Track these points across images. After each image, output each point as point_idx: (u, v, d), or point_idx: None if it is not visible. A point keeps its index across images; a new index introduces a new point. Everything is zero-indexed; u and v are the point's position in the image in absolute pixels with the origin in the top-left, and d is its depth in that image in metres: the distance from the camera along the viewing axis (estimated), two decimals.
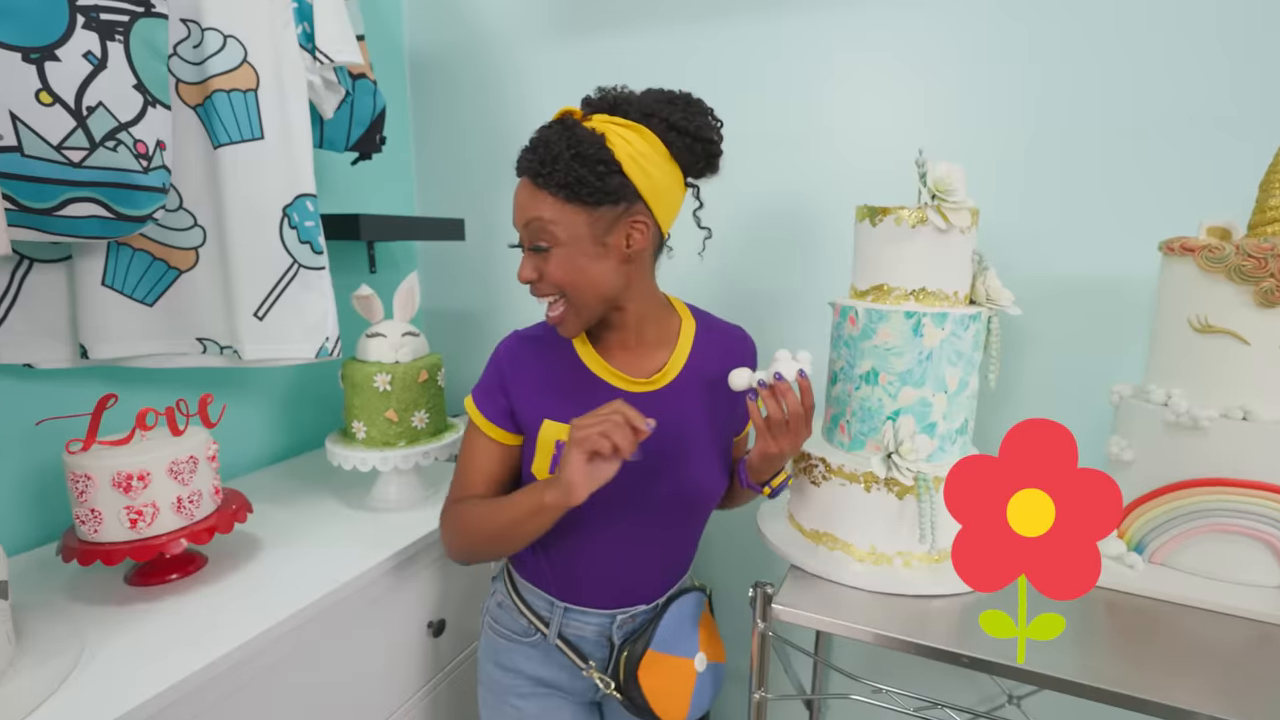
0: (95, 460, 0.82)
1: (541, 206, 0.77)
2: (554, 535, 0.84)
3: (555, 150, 0.75)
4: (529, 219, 0.79)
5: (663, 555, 0.92)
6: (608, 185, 0.76)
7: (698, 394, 0.89)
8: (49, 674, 0.70)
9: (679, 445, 0.86)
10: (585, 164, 0.75)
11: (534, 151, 0.77)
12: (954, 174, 0.85)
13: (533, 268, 0.81)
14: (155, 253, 0.97)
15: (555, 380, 0.87)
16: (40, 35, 0.75)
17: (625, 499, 0.83)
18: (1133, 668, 0.74)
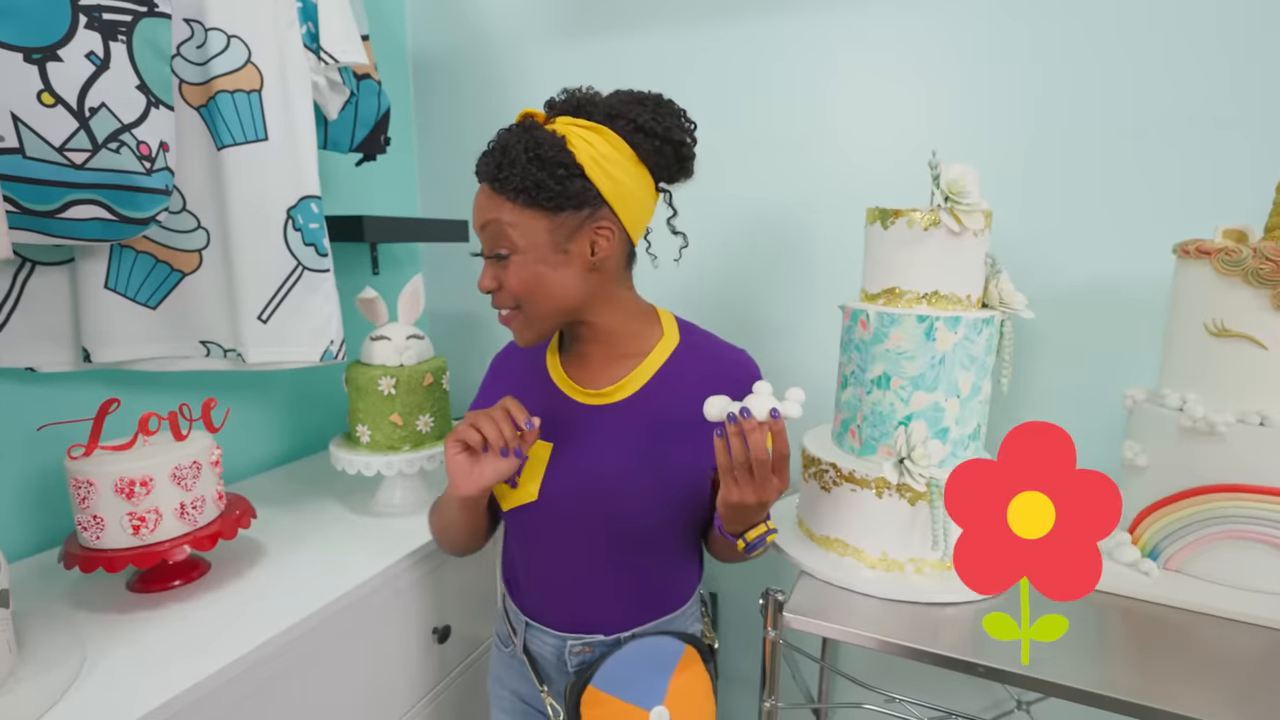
0: (97, 466, 0.81)
1: (500, 211, 0.74)
2: (519, 545, 0.86)
3: (513, 154, 0.72)
4: (486, 223, 0.75)
5: (617, 586, 0.84)
6: (568, 190, 0.72)
7: (658, 415, 0.80)
8: (50, 684, 0.68)
9: (617, 468, 0.79)
10: (544, 167, 0.71)
11: (492, 155, 0.74)
12: (968, 176, 0.84)
13: (492, 276, 0.77)
14: (158, 255, 0.96)
15: (526, 390, 0.85)
16: (42, 35, 0.74)
17: (569, 517, 0.81)
18: (1146, 676, 0.73)
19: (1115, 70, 1.08)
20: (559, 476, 0.80)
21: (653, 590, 0.86)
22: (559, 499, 0.80)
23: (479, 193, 0.76)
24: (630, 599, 0.85)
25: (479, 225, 0.76)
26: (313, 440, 1.42)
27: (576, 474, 0.80)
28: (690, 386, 0.79)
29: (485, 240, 0.77)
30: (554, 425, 0.81)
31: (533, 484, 0.81)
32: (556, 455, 0.81)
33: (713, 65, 1.33)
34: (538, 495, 0.81)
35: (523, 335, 0.79)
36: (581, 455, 0.80)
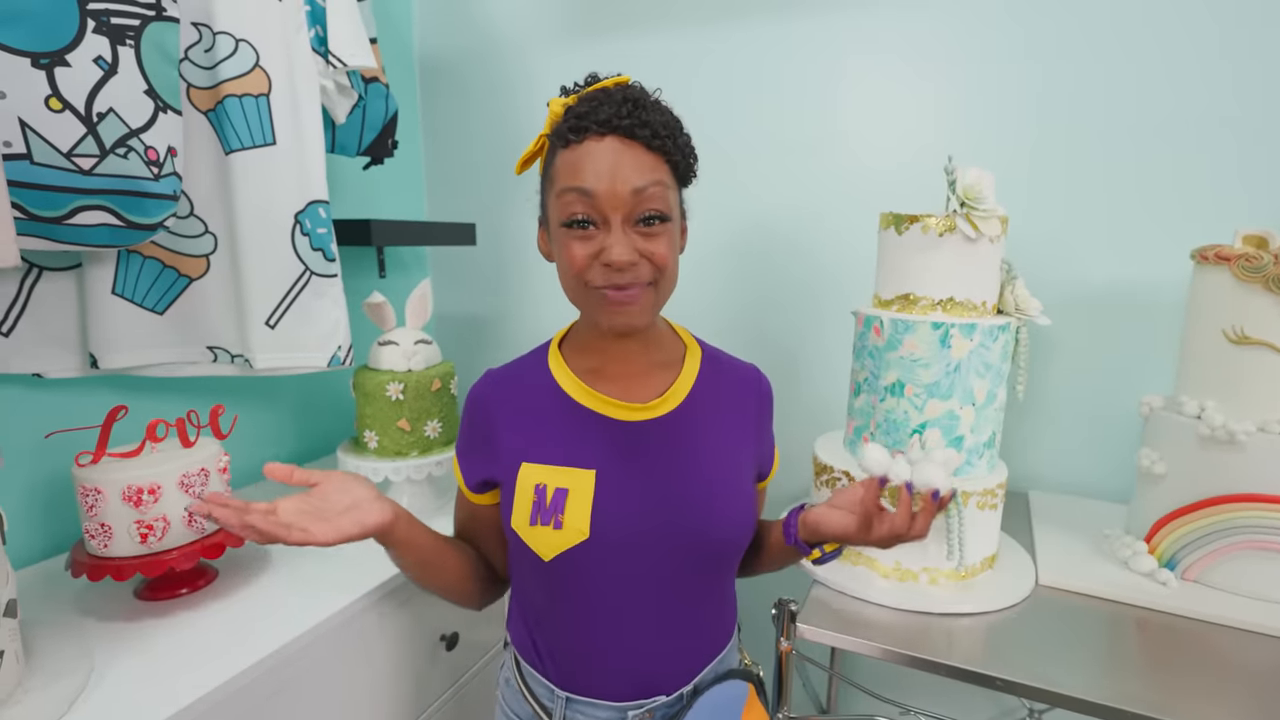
0: (105, 474, 0.80)
1: (658, 172, 0.64)
2: (557, 602, 0.72)
3: (668, 118, 0.66)
4: (647, 184, 0.63)
5: (679, 627, 0.74)
6: (694, 169, 0.69)
7: (710, 422, 0.75)
8: (58, 694, 0.68)
9: (693, 481, 0.71)
10: (688, 139, 0.67)
11: (635, 108, 0.64)
12: (984, 181, 0.83)
13: (633, 248, 0.64)
14: (166, 260, 0.95)
15: (535, 417, 0.73)
16: (50, 40, 0.73)
17: (627, 551, 0.69)
18: (1161, 689, 0.72)
19: (1141, 73, 1.07)
20: (612, 505, 0.69)
21: (711, 626, 0.77)
22: (615, 530, 0.69)
23: (613, 148, 0.63)
24: (692, 641, 0.75)
25: (626, 184, 0.63)
26: (319, 445, 1.41)
27: (632, 498, 0.69)
28: (722, 399, 0.76)
29: (630, 205, 0.63)
30: (590, 449, 0.71)
31: (581, 519, 0.68)
32: (603, 482, 0.69)
33: (719, 67, 1.33)
34: (589, 532, 0.68)
35: (644, 317, 0.68)
36: (634, 476, 0.70)
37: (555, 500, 0.69)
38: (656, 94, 0.68)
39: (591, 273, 0.65)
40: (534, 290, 1.58)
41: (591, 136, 0.63)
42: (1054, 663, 0.76)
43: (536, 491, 0.70)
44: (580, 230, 0.64)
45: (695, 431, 0.73)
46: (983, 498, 0.86)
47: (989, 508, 0.88)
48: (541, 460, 0.71)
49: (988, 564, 0.91)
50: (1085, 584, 0.89)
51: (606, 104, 0.64)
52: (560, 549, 0.68)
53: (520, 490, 0.70)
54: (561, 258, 0.67)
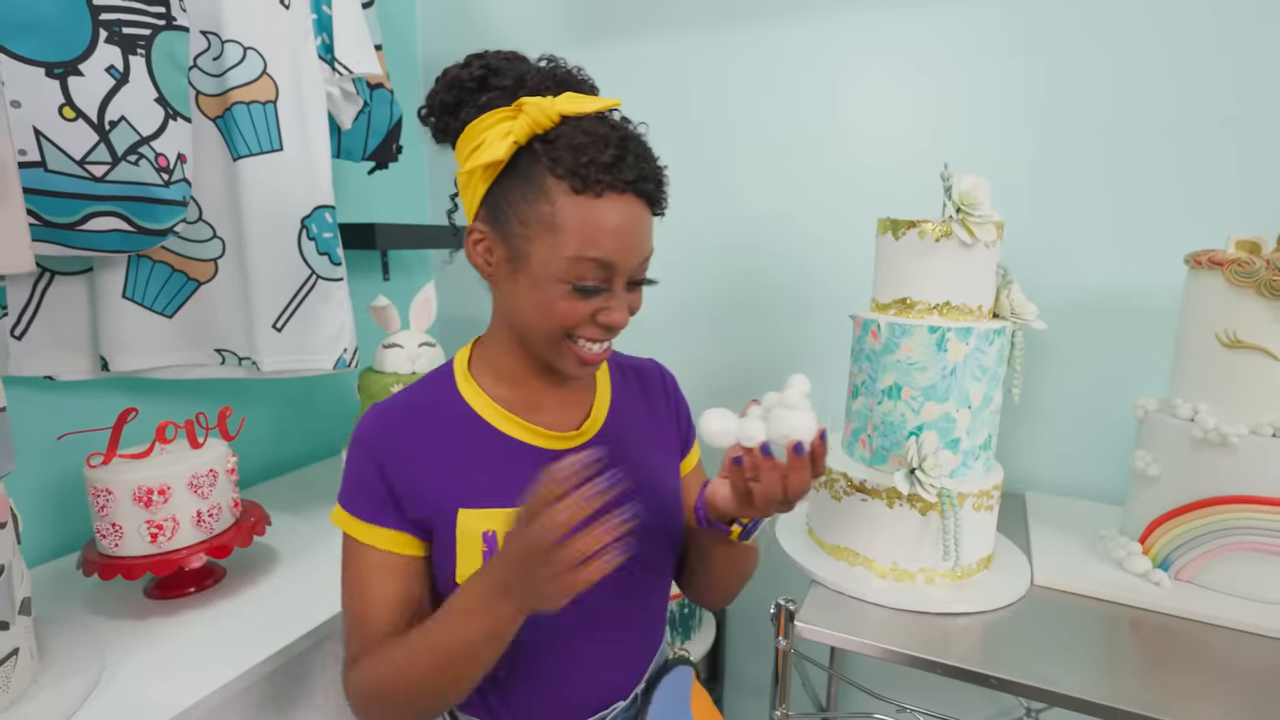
0: (116, 474, 0.82)
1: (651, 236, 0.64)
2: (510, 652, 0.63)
3: (658, 166, 0.62)
4: (647, 255, 0.63)
5: (631, 641, 0.73)
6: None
7: (631, 440, 0.73)
8: (72, 691, 0.69)
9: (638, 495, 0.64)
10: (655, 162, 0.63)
11: (645, 164, 0.60)
12: (980, 187, 0.84)
13: (627, 309, 0.64)
14: (175, 264, 0.97)
15: (460, 454, 0.66)
16: (64, 50, 0.75)
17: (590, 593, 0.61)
18: (1155, 688, 0.73)
19: (1139, 77, 1.08)
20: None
21: (656, 625, 0.77)
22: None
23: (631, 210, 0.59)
24: (643, 645, 0.75)
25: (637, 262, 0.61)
26: (323, 446, 1.43)
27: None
28: (639, 403, 0.76)
29: (635, 266, 0.62)
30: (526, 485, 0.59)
31: None
32: None
33: (718, 71, 1.34)
34: None
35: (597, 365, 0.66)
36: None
37: None
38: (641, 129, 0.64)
39: (583, 327, 0.62)
40: None
41: (611, 193, 0.58)
42: (1049, 662, 0.77)
43: (486, 540, 0.63)
44: (584, 295, 0.60)
45: (626, 445, 0.71)
46: (979, 499, 0.87)
47: (985, 509, 0.89)
48: (483, 504, 0.63)
49: (984, 564, 0.92)
50: (1080, 584, 0.90)
51: (628, 158, 0.58)
52: None
53: (465, 540, 0.63)
54: (552, 309, 0.61)
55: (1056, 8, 1.10)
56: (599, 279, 0.60)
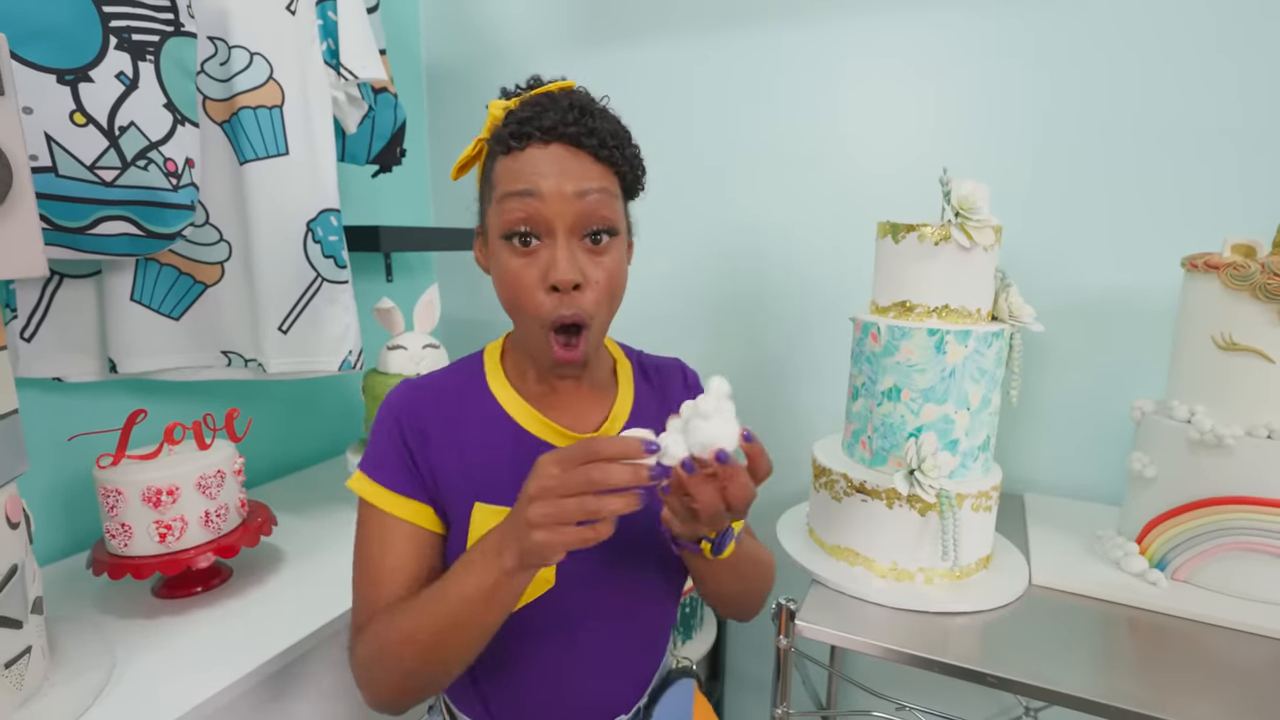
0: (125, 475, 0.83)
1: (604, 180, 0.60)
2: (496, 659, 0.66)
3: (617, 126, 0.61)
4: (586, 190, 0.58)
5: (638, 650, 0.72)
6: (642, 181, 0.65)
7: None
8: (83, 688, 0.70)
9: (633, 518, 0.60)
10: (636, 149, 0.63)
11: (586, 116, 0.59)
12: (978, 192, 0.85)
13: (578, 268, 0.59)
14: (182, 267, 0.98)
15: (482, 449, 0.66)
16: (74, 57, 0.76)
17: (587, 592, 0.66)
18: (1152, 686, 0.74)
19: (1136, 82, 1.09)
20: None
21: (660, 639, 0.76)
22: (583, 571, 0.64)
23: (554, 155, 0.59)
24: (646, 657, 0.74)
25: (570, 192, 0.58)
26: (327, 446, 1.44)
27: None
28: (658, 407, 0.73)
29: (576, 213, 0.59)
30: None
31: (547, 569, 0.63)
32: None
33: (719, 74, 1.35)
34: (555, 579, 0.64)
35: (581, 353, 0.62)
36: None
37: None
38: (604, 101, 0.64)
39: (538, 302, 0.59)
40: None
41: (535, 144, 0.59)
42: (1047, 660, 0.78)
43: None
44: (522, 246, 0.59)
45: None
46: (977, 500, 0.88)
47: (983, 510, 0.90)
48: (498, 502, 0.63)
49: (982, 564, 0.93)
50: (1077, 584, 0.91)
51: (551, 110, 0.59)
52: (526, 599, 0.63)
53: (477, 534, 0.63)
54: (501, 276, 0.61)
55: (1055, 13, 1.11)
56: (528, 216, 0.58)
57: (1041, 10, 1.12)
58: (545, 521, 0.50)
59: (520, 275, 0.59)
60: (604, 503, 0.50)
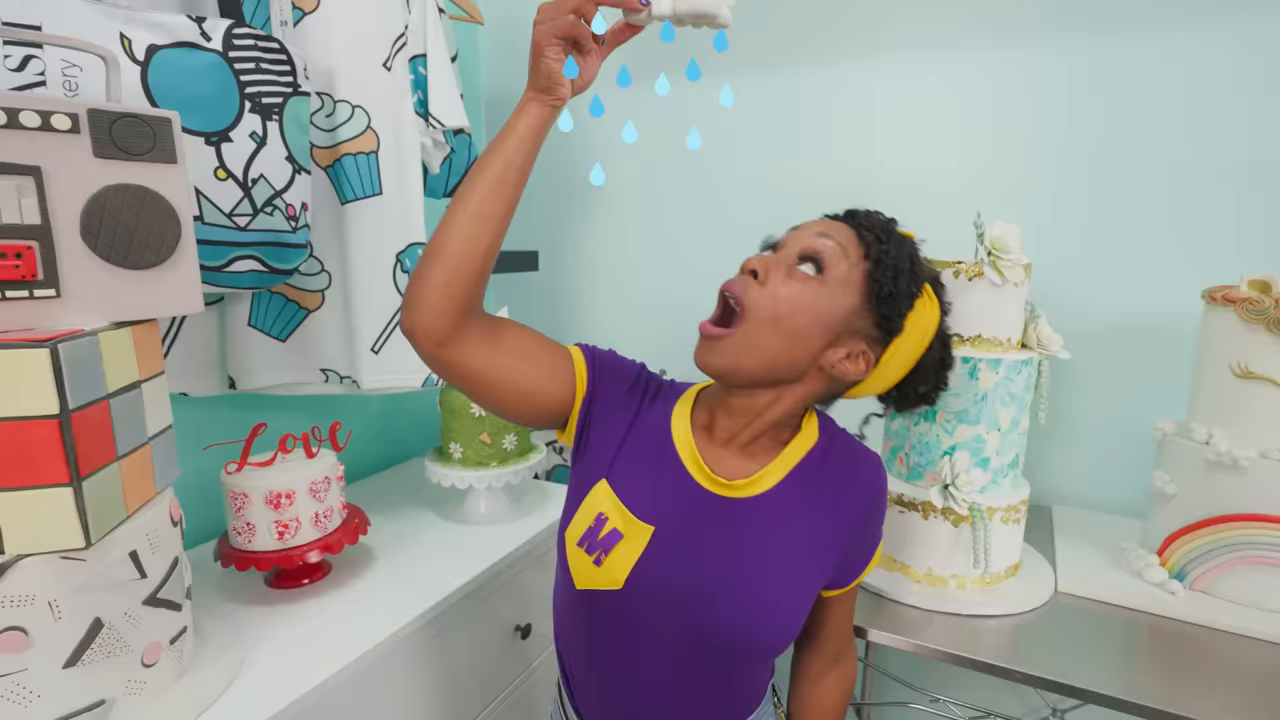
0: (250, 480, 0.95)
1: (849, 245, 0.67)
2: (581, 634, 0.74)
3: (898, 240, 0.68)
4: (827, 231, 0.68)
5: (693, 697, 0.73)
6: (895, 310, 0.66)
7: (790, 520, 0.70)
8: (227, 664, 0.82)
9: (727, 573, 0.68)
10: (906, 282, 0.66)
11: (874, 220, 0.69)
12: (1010, 233, 0.94)
13: (769, 273, 0.67)
14: (289, 295, 1.10)
15: (644, 444, 0.73)
16: (218, 121, 0.88)
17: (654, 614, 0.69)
18: (1169, 685, 0.81)
19: (1165, 120, 1.16)
20: (654, 567, 0.67)
21: (730, 701, 0.76)
22: (647, 594, 0.68)
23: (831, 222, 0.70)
24: (706, 710, 0.74)
25: (814, 230, 0.68)
26: (399, 452, 1.56)
27: (675, 568, 0.68)
28: (819, 495, 0.72)
29: (805, 241, 0.68)
30: (660, 505, 0.69)
31: (620, 570, 0.68)
32: (659, 545, 0.68)
33: (767, 111, 1.44)
34: (623, 584, 0.68)
35: (722, 358, 0.67)
36: (688, 548, 0.68)
37: (608, 538, 0.69)
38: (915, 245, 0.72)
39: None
40: (589, 311, 1.71)
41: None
42: (1069, 660, 0.85)
43: (597, 519, 0.69)
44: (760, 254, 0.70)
45: (766, 526, 0.69)
46: (1006, 513, 0.96)
47: (1012, 522, 0.98)
48: (617, 491, 0.70)
49: (1011, 572, 1.01)
50: (1101, 592, 0.99)
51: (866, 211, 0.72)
52: (591, 585, 0.69)
53: (587, 505, 0.70)
54: None
55: (1082, 50, 1.18)
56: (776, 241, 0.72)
57: (1069, 48, 1.19)
58: (543, 16, 0.61)
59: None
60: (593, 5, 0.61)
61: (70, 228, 0.67)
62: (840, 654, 0.85)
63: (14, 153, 0.63)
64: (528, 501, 1.35)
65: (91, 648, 0.67)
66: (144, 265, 0.71)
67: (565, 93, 0.64)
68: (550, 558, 1.26)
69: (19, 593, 0.62)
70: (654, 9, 0.63)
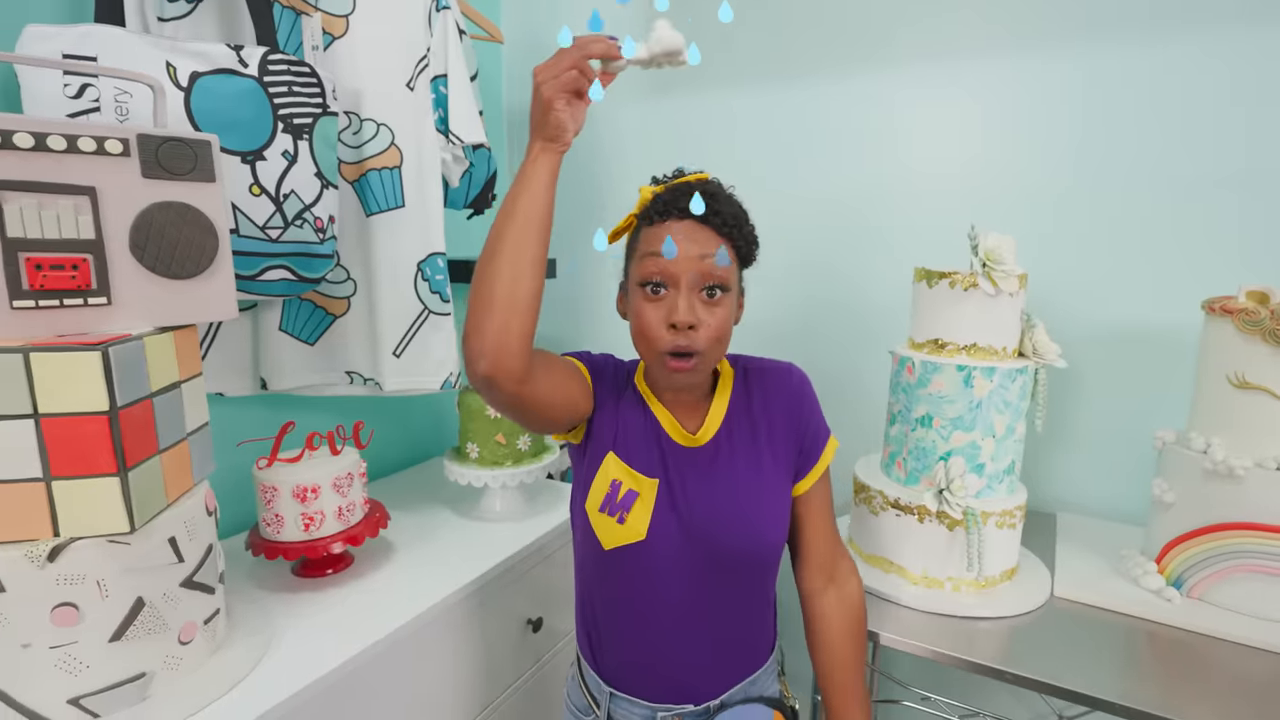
0: (279, 475, 1.01)
1: (724, 249, 0.76)
2: (611, 593, 0.85)
3: (737, 210, 0.80)
4: (712, 254, 0.76)
5: (719, 640, 0.85)
6: (754, 251, 0.83)
7: (739, 446, 0.86)
8: (256, 644, 0.89)
9: (719, 504, 0.83)
10: (750, 225, 0.81)
11: (714, 200, 0.78)
12: (1004, 245, 0.96)
13: (694, 312, 0.77)
14: (317, 301, 1.17)
15: (630, 416, 0.87)
16: (253, 141, 0.95)
17: (674, 556, 0.82)
18: (1157, 689, 0.82)
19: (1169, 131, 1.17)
20: (666, 515, 0.82)
21: (745, 645, 0.88)
22: (666, 537, 0.81)
23: (686, 228, 0.77)
24: (727, 655, 0.86)
25: (695, 255, 0.76)
26: (418, 453, 1.63)
27: (683, 511, 0.82)
28: (754, 414, 0.87)
29: (697, 272, 0.76)
30: (660, 465, 0.84)
31: (641, 523, 0.81)
32: (663, 492, 0.83)
33: (785, 121, 1.48)
34: (646, 534, 0.81)
35: (697, 378, 0.82)
36: (686, 493, 0.82)
37: (625, 499, 0.82)
38: (730, 189, 0.84)
39: (659, 336, 0.78)
40: (606, 318, 1.76)
41: (673, 219, 0.78)
42: (1060, 663, 0.87)
43: (612, 485, 0.83)
44: (653, 294, 0.78)
45: (728, 457, 0.85)
46: (1001, 518, 0.99)
47: (1008, 526, 1.00)
48: (624, 459, 0.84)
49: (1007, 576, 1.03)
50: (1097, 598, 1.00)
51: (686, 194, 0.77)
52: (619, 542, 0.82)
53: (600, 477, 0.84)
54: (635, 317, 0.80)
55: (1085, 65, 1.20)
56: (660, 271, 0.77)
57: (1073, 61, 1.21)
58: (545, 76, 0.68)
59: (650, 315, 0.78)
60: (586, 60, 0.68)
61: (120, 242, 0.74)
62: (833, 569, 0.91)
63: (72, 175, 0.71)
64: (541, 500, 1.40)
65: (134, 624, 0.74)
66: (185, 275, 0.78)
67: (570, 139, 0.71)
68: (561, 555, 1.31)
69: (72, 572, 0.69)
70: (629, 55, 0.70)
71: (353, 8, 1.10)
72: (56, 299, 0.71)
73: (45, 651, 0.69)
